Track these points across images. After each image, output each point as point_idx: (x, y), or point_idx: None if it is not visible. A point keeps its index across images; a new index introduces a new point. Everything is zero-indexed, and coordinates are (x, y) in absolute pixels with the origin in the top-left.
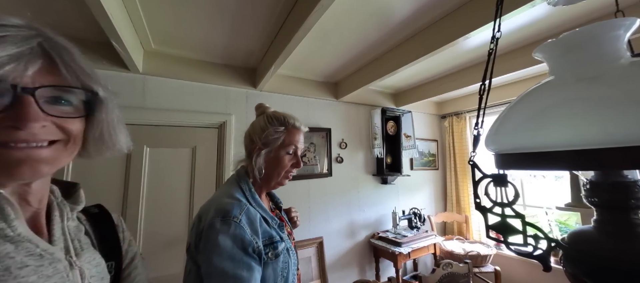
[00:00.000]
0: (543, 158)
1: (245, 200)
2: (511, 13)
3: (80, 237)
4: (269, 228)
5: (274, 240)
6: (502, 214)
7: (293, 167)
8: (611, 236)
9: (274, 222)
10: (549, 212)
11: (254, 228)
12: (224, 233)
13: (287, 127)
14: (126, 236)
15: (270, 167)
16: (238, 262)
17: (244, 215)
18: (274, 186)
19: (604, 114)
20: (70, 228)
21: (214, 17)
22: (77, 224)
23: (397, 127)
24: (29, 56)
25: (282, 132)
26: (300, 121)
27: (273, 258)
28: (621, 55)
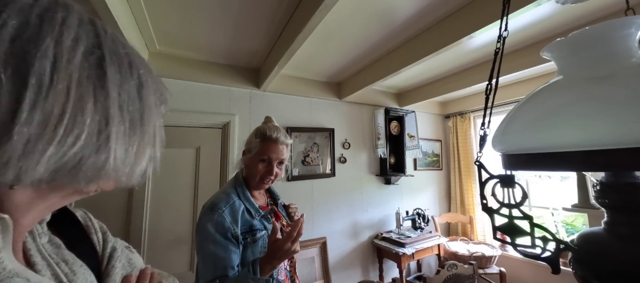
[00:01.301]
0: (552, 158)
1: (236, 195)
2: (518, 11)
3: (65, 256)
4: (251, 219)
5: (254, 228)
6: (510, 215)
7: (267, 174)
8: (623, 238)
9: (257, 214)
10: (555, 213)
11: (235, 217)
12: (209, 220)
13: (263, 139)
14: (99, 237)
15: (249, 171)
16: (218, 244)
17: (228, 207)
18: (256, 187)
19: (615, 114)
20: (45, 246)
21: (217, 18)
22: (49, 237)
23: (400, 127)
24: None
25: (258, 143)
26: (282, 135)
27: (251, 242)
28: (633, 54)
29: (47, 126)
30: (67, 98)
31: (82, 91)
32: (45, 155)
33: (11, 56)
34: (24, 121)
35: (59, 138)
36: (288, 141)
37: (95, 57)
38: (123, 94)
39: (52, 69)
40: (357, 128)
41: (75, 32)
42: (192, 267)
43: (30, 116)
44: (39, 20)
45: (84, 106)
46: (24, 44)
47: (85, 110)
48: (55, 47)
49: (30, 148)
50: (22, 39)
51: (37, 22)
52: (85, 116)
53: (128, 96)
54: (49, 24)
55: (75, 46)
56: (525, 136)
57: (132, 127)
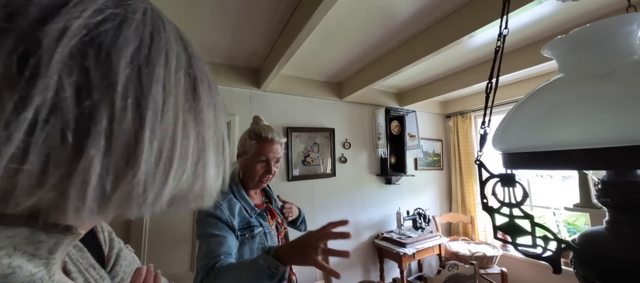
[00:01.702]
0: (553, 157)
1: (232, 193)
2: (518, 10)
3: (90, 260)
4: (248, 216)
5: (251, 225)
6: (510, 215)
7: (265, 173)
8: (625, 237)
9: (253, 212)
10: (557, 213)
11: (232, 212)
12: (208, 211)
13: (260, 140)
14: (105, 236)
15: (247, 172)
16: (218, 228)
17: (226, 202)
18: (255, 186)
19: (616, 112)
20: (72, 251)
21: (217, 18)
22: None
23: (401, 127)
24: None
25: (254, 144)
26: (276, 135)
27: (249, 239)
28: (634, 51)
29: (162, 156)
30: (175, 126)
31: (185, 116)
32: (165, 189)
33: (130, 81)
34: (147, 152)
35: (175, 168)
36: (283, 139)
37: (191, 78)
38: (211, 115)
39: (163, 94)
40: (358, 128)
41: (176, 50)
42: (192, 267)
43: (150, 147)
44: (150, 39)
45: (188, 132)
46: (142, 66)
47: (189, 137)
48: (165, 68)
49: (150, 181)
50: (139, 60)
51: (149, 41)
52: (190, 143)
53: (214, 117)
54: (157, 43)
55: (178, 67)
56: (526, 135)
57: (217, 148)
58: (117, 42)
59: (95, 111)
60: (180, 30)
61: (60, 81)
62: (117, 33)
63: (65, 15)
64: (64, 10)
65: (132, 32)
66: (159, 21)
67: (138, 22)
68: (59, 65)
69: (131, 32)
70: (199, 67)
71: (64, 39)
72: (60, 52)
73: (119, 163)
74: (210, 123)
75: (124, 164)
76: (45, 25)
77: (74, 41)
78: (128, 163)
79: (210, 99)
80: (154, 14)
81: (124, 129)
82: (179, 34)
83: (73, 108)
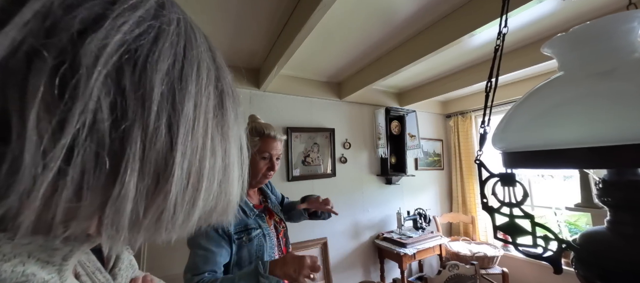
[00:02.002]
0: (554, 156)
1: None
2: (519, 9)
3: (96, 264)
4: (246, 218)
5: (249, 227)
6: (510, 214)
7: (268, 170)
8: (626, 237)
9: (252, 213)
10: (558, 213)
11: None
12: None
13: (263, 136)
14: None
15: (249, 170)
16: (210, 238)
17: None
18: (257, 184)
19: (617, 109)
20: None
21: (217, 18)
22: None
23: (401, 127)
24: None
25: (257, 141)
26: (277, 132)
27: (247, 241)
28: (635, 49)
29: (191, 177)
30: (204, 144)
31: (213, 133)
32: (195, 210)
33: (164, 99)
34: (178, 173)
35: (204, 188)
36: (283, 137)
37: (219, 91)
38: (235, 128)
39: (195, 112)
40: (358, 128)
41: (207, 63)
42: None
43: (181, 167)
44: (183, 52)
45: (215, 150)
46: (175, 82)
47: (216, 155)
48: (196, 84)
49: (180, 203)
50: (173, 76)
51: (182, 55)
52: (217, 161)
53: (237, 129)
54: (190, 57)
55: (209, 81)
56: (526, 133)
57: (239, 161)
58: (153, 57)
59: (129, 133)
60: (209, 39)
61: (98, 102)
62: (153, 48)
63: (106, 29)
64: (104, 23)
65: (168, 47)
66: (191, 32)
67: (172, 34)
68: (98, 84)
69: (167, 46)
70: (226, 79)
71: (104, 56)
72: (99, 71)
73: (151, 186)
74: (235, 137)
75: (154, 187)
76: (85, 41)
77: (113, 58)
78: (158, 185)
79: (235, 111)
80: (187, 24)
81: (157, 150)
82: (208, 44)
83: (109, 130)
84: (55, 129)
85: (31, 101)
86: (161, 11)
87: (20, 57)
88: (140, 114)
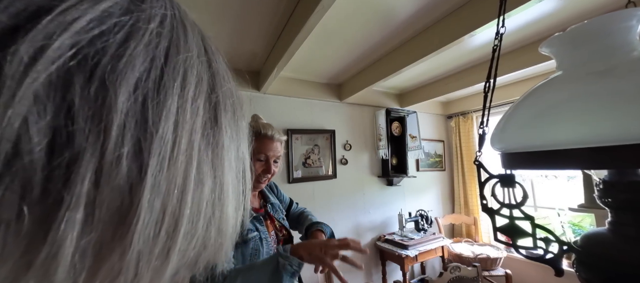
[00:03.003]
0: (552, 156)
1: None
2: (518, 9)
3: None
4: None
5: (245, 227)
6: (510, 216)
7: (264, 173)
8: (628, 239)
9: (250, 215)
10: (562, 214)
11: None
12: None
13: (258, 137)
14: None
15: None
16: None
17: None
18: (253, 187)
19: (616, 109)
20: None
21: (216, 21)
22: None
23: (402, 128)
24: None
25: (253, 142)
26: (276, 132)
27: (241, 242)
28: (634, 47)
29: (164, 221)
30: (186, 174)
31: (200, 158)
32: (167, 266)
33: (131, 118)
34: (144, 218)
35: (182, 234)
36: (283, 137)
37: (212, 104)
38: (234, 148)
39: (175, 134)
40: (358, 129)
41: (197, 69)
42: None
43: (149, 209)
44: (165, 56)
45: (202, 179)
46: (149, 96)
47: (203, 186)
48: (179, 96)
49: (145, 259)
50: (146, 88)
51: (162, 60)
52: (204, 195)
53: (236, 147)
54: (174, 62)
55: (198, 93)
56: (525, 134)
57: (237, 187)
58: (118, 64)
59: (74, 168)
60: (207, 39)
61: (25, 125)
62: (119, 51)
63: (47, 27)
64: (45, 19)
65: (142, 49)
66: (181, 31)
67: (152, 34)
68: (26, 102)
69: (139, 48)
70: (224, 89)
71: (40, 62)
72: (29, 84)
73: (103, 237)
74: (231, 159)
75: (109, 237)
76: (15, 43)
77: (55, 65)
78: (115, 235)
79: (234, 127)
80: (175, 21)
81: (114, 188)
82: (203, 45)
83: (41, 165)
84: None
85: None
86: (138, 5)
87: None
88: (93, 140)
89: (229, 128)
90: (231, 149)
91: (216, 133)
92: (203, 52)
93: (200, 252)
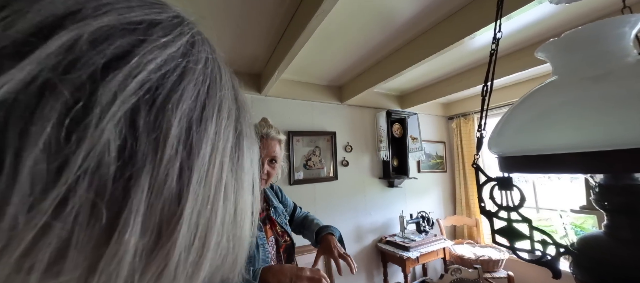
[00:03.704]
0: (547, 161)
1: None
2: (515, 12)
3: None
4: None
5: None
6: (508, 218)
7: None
8: (624, 242)
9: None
10: (564, 215)
11: None
12: None
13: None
14: None
15: None
16: None
17: None
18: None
19: (609, 114)
20: None
21: (218, 24)
22: None
23: (403, 129)
24: None
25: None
26: (273, 130)
27: None
28: (628, 53)
29: (198, 230)
30: (217, 191)
31: (227, 179)
32: (200, 272)
33: (179, 141)
34: (185, 226)
35: (213, 244)
36: (280, 136)
37: (237, 132)
38: (252, 174)
39: (211, 157)
40: (359, 131)
41: (229, 103)
42: None
43: (189, 218)
44: (207, 92)
45: (228, 197)
46: (193, 123)
47: (228, 204)
48: (216, 126)
49: (182, 262)
50: (192, 117)
51: (205, 95)
52: (227, 212)
53: (253, 175)
54: (213, 97)
55: (229, 122)
56: (521, 138)
57: (251, 207)
58: (174, 97)
59: (137, 179)
60: (235, 78)
61: (107, 144)
62: (175, 87)
63: (131, 66)
64: (130, 61)
65: (191, 86)
66: (218, 71)
67: (199, 73)
68: (111, 126)
69: (191, 85)
70: (245, 119)
71: (122, 95)
72: (114, 112)
73: (151, 242)
74: (250, 180)
75: (154, 243)
76: (106, 78)
77: (133, 98)
78: (160, 241)
79: (253, 152)
80: (215, 63)
81: (165, 198)
82: (232, 83)
83: (113, 177)
84: (51, 176)
85: (33, 140)
86: (191, 50)
87: (31, 92)
88: (151, 157)
89: (248, 152)
90: (250, 172)
91: (240, 157)
92: (231, 87)
93: (219, 266)
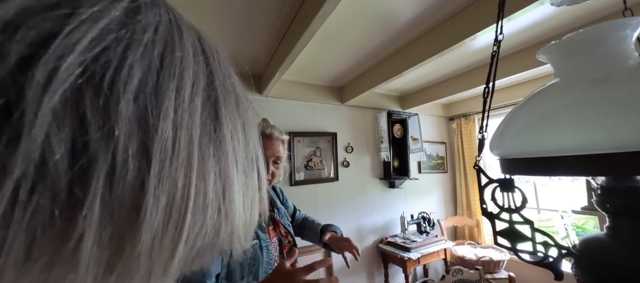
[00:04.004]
0: (549, 163)
1: None
2: (516, 14)
3: None
4: None
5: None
6: (510, 220)
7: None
8: (626, 244)
9: None
10: (565, 216)
11: None
12: None
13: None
14: None
15: None
16: None
17: None
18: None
19: (611, 116)
20: None
21: (219, 25)
22: None
23: (403, 130)
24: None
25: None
26: (276, 131)
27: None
28: (629, 55)
29: (171, 214)
30: (188, 169)
31: (202, 153)
32: (175, 256)
33: (133, 122)
34: (151, 213)
35: (188, 225)
36: (283, 136)
37: (212, 100)
38: (236, 140)
39: (175, 132)
40: (360, 132)
41: (193, 70)
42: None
43: (155, 204)
44: (160, 61)
45: (205, 173)
46: (148, 100)
47: (207, 180)
48: (176, 98)
49: (156, 250)
50: (145, 93)
51: (158, 65)
52: (208, 187)
53: (244, 139)
54: (168, 66)
55: (195, 91)
56: (522, 140)
57: (247, 178)
58: (119, 75)
59: (90, 171)
60: (204, 38)
61: (47, 140)
62: (120, 63)
63: (56, 51)
64: (53, 43)
65: (139, 59)
66: (175, 35)
67: (147, 43)
68: (46, 119)
69: (137, 58)
70: (223, 84)
71: (53, 83)
72: (47, 103)
73: (116, 233)
74: (237, 151)
75: (124, 231)
76: (31, 68)
77: (66, 84)
78: (129, 229)
79: (236, 120)
80: (169, 26)
81: (126, 185)
82: (200, 45)
83: (64, 172)
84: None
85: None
86: (133, 17)
87: None
88: (104, 144)
89: (229, 121)
90: (234, 140)
91: (218, 127)
92: (199, 51)
93: (212, 241)
